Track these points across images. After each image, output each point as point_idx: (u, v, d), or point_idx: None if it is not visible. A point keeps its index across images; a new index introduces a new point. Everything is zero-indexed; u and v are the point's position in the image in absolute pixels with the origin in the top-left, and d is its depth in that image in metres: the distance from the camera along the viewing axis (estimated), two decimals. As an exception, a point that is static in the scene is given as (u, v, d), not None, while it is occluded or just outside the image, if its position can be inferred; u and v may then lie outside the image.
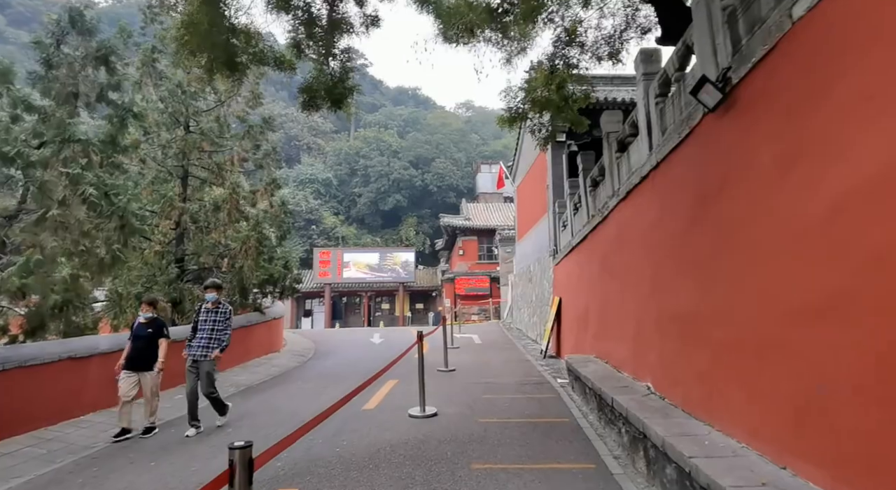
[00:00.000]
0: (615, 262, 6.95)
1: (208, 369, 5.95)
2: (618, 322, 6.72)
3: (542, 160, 14.29)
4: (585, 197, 9.22)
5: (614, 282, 6.95)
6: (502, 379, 8.82)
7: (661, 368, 4.98)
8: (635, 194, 6.13)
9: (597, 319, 7.93)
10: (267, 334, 11.95)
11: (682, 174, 4.62)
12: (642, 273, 5.73)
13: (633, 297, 6.05)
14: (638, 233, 5.97)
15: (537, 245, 14.84)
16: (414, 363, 10.78)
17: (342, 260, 34.71)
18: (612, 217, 7.14)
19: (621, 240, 6.67)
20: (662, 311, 5.01)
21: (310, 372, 10.36)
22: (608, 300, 7.26)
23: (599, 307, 7.77)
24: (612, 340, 7.00)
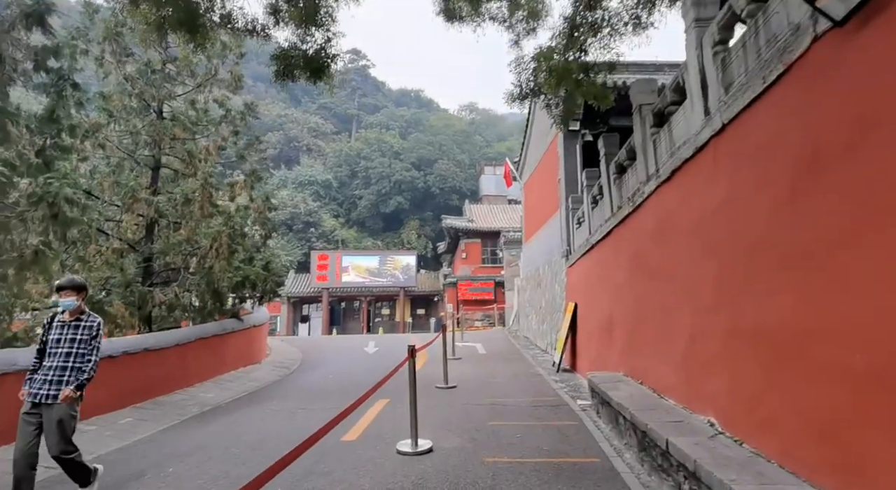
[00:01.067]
0: (653, 260, 5.65)
1: (61, 416, 3.73)
2: (659, 335, 5.40)
3: (552, 152, 13.01)
4: (608, 186, 7.92)
5: (652, 285, 5.65)
6: (511, 398, 7.51)
7: (734, 402, 3.67)
8: (684, 173, 4.83)
9: (626, 330, 6.62)
10: (245, 344, 10.67)
11: (772, 133, 3.33)
12: (698, 274, 4.43)
13: (684, 304, 4.74)
14: (689, 222, 4.67)
15: (547, 246, 13.54)
16: (406, 379, 9.48)
17: (341, 264, 33.47)
18: (648, 205, 5.84)
19: (663, 233, 5.37)
20: (736, 324, 3.70)
21: (290, 387, 9.06)
22: (643, 308, 5.95)
23: (630, 316, 6.46)
24: (648, 358, 5.69)
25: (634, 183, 6.67)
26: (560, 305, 11.60)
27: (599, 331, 8.05)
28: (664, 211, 5.33)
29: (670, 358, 5.03)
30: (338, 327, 33.71)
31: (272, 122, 52.96)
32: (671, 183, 5.14)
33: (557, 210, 12.40)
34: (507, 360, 11.56)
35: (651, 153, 5.97)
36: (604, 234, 7.82)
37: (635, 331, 6.23)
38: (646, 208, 5.93)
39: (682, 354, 4.75)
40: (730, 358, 3.78)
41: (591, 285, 8.77)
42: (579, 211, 10.61)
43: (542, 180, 14.50)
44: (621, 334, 6.84)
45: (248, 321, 10.75)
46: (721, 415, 3.85)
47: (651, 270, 5.72)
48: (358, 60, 67.42)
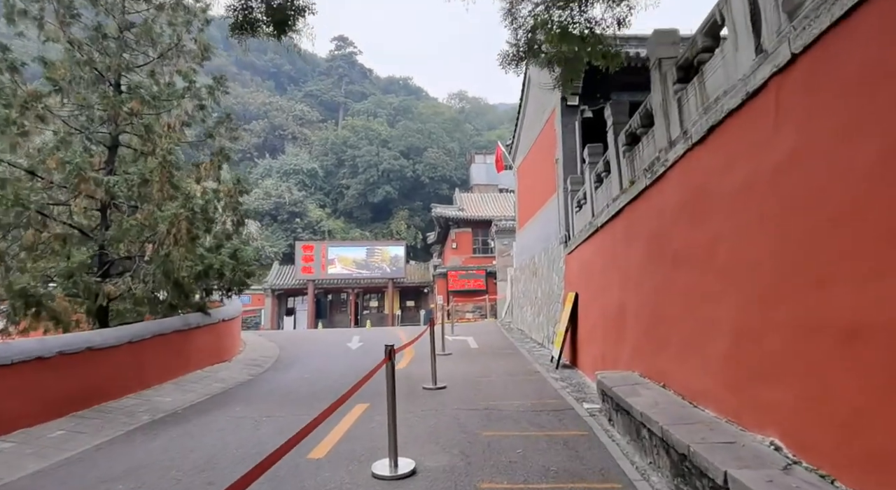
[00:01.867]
0: (679, 241, 4.73)
1: None
2: (687, 330, 4.50)
3: (549, 131, 12.06)
4: (617, 160, 7.00)
5: (678, 271, 4.73)
6: (508, 401, 6.61)
7: (812, 420, 2.77)
8: (726, 130, 3.90)
9: (642, 324, 5.72)
10: (213, 340, 9.66)
11: (875, 57, 2.40)
12: (748, 255, 3.52)
13: (726, 293, 3.83)
14: (735, 190, 3.75)
15: (543, 232, 12.63)
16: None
17: (326, 255, 32.36)
18: (673, 176, 4.92)
19: (694, 207, 4.45)
20: (814, 318, 2.79)
21: (260, 389, 8.09)
22: (665, 298, 5.05)
23: (647, 307, 5.55)
24: (673, 357, 4.79)
25: (651, 152, 5.75)
26: (558, 296, 10.72)
27: (606, 324, 7.16)
28: (696, 180, 4.40)
29: (705, 358, 4.13)
30: (324, 320, 32.68)
31: (256, 109, 51.48)
32: (706, 144, 4.21)
33: (554, 193, 11.48)
34: (502, 356, 10.67)
35: (675, 114, 5.04)
36: (611, 214, 6.91)
37: (654, 325, 5.33)
38: (669, 180, 5.01)
39: (722, 354, 3.85)
40: (802, 361, 2.88)
41: (596, 273, 7.87)
42: (580, 192, 9.70)
43: (537, 162, 13.56)
44: (635, 328, 5.95)
45: (217, 315, 9.73)
46: (790, 436, 2.95)
47: (676, 254, 4.80)
48: (344, 47, 65.79)
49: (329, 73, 65.25)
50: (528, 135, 14.74)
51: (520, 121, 15.59)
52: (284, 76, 65.73)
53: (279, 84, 63.82)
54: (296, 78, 65.91)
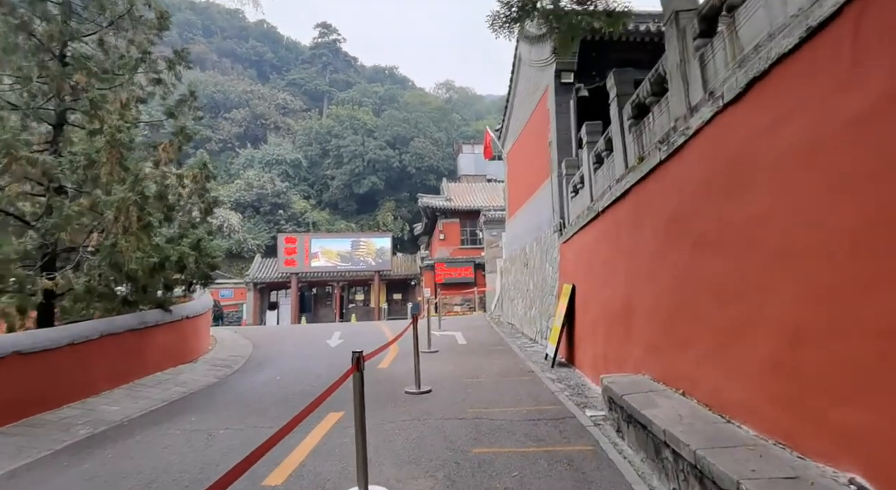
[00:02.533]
0: (707, 222, 3.97)
1: None
2: (721, 330, 3.75)
3: (541, 112, 11.27)
4: (622, 136, 6.23)
5: (705, 258, 3.98)
6: (501, 408, 5.85)
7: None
8: (772, 84, 3.13)
9: (655, 320, 4.97)
10: (176, 339, 8.77)
11: None
12: (814, 238, 2.76)
13: (779, 286, 3.08)
14: (789, 156, 2.99)
15: (536, 220, 11.88)
16: (373, 381, 7.75)
17: (310, 247, 31.36)
18: (696, 146, 4.15)
19: (728, 181, 3.69)
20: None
21: (223, 394, 7.25)
22: (687, 289, 4.29)
23: (662, 300, 4.80)
24: (700, 361, 4.05)
25: (665, 122, 4.98)
26: (552, 288, 9.99)
27: (609, 320, 6.41)
28: (729, 147, 3.63)
29: (743, 363, 3.39)
30: (308, 315, 31.77)
31: (237, 98, 50.01)
32: (744, 103, 3.44)
33: (547, 178, 10.71)
34: (492, 353, 9.92)
35: (696, 74, 4.26)
36: (615, 197, 6.14)
37: (672, 321, 4.58)
38: (691, 151, 4.24)
39: (769, 359, 3.10)
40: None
41: (596, 263, 7.12)
42: (576, 176, 8.94)
43: (528, 146, 12.77)
44: (647, 325, 5.21)
45: (180, 312, 8.84)
46: (883, 474, 2.21)
47: (702, 238, 4.04)
48: (328, 34, 64.21)
49: (313, 61, 63.67)
50: (518, 118, 13.93)
51: (509, 103, 14.76)
52: (267, 64, 64.06)
53: (261, 72, 62.19)
54: (278, 66, 64.28)
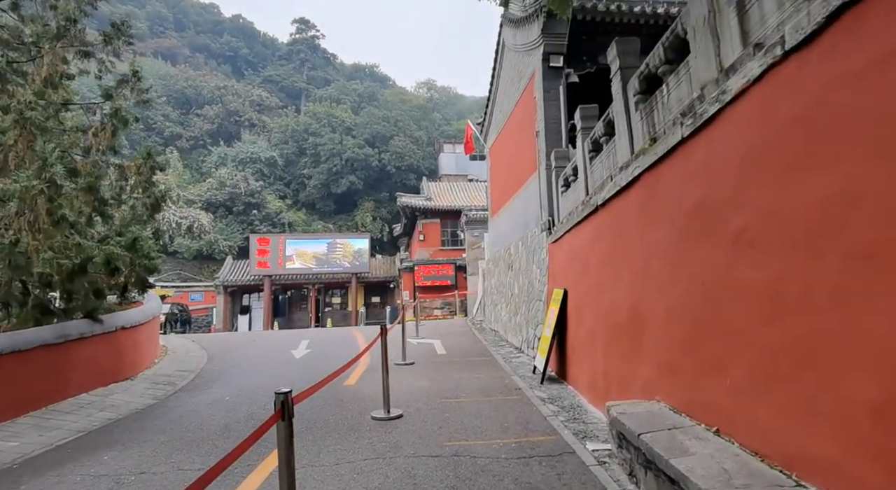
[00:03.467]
0: (758, 212, 3.03)
1: None
2: (773, 352, 2.80)
3: (527, 100, 10.34)
4: (627, 115, 5.30)
5: (756, 258, 3.03)
6: (484, 440, 4.86)
7: None
8: (869, 14, 2.20)
9: (675, 334, 4.02)
10: (108, 353, 7.57)
11: None
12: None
13: (875, 294, 2.14)
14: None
15: (521, 218, 10.94)
16: (335, 402, 6.69)
17: (284, 249, 29.99)
18: (738, 113, 3.21)
19: (794, 152, 2.74)
20: None
21: (156, 422, 6.10)
22: (723, 298, 3.34)
23: (685, 310, 3.86)
24: (741, 391, 3.10)
25: (685, 93, 4.05)
26: (540, 293, 9.05)
27: (611, 331, 5.47)
28: (793, 108, 2.69)
29: (818, 399, 2.45)
30: (282, 319, 30.42)
31: (210, 94, 48.27)
32: (821, 45, 2.50)
33: (534, 172, 9.78)
34: (474, 365, 8.93)
35: (731, 26, 3.34)
36: (619, 187, 5.21)
37: (697, 336, 3.63)
38: (727, 121, 3.30)
39: (866, 398, 2.16)
40: None
41: (593, 265, 6.18)
42: (567, 168, 8.02)
43: (513, 138, 11.84)
44: (660, 339, 4.26)
45: (113, 321, 7.65)
46: None
47: (743, 230, 3.11)
48: (306, 30, 62.67)
49: (290, 57, 62.08)
50: (502, 108, 12.99)
51: (492, 94, 13.82)
52: (242, 60, 62.28)
53: (236, 68, 60.41)
54: (254, 62, 62.54)
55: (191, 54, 58.52)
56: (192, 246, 36.72)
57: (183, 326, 27.72)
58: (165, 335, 20.34)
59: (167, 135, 44.55)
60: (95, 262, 6.47)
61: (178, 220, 36.33)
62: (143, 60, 51.61)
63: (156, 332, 10.00)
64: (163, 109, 44.99)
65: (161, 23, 61.03)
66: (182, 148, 44.44)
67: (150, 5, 60.59)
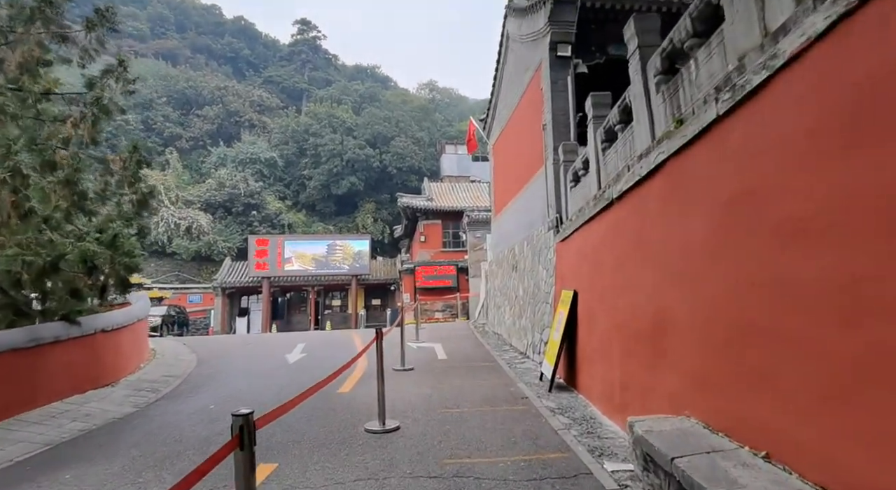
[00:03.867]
0: (816, 198, 2.53)
1: None
2: (855, 363, 2.30)
3: (533, 93, 9.87)
4: (647, 98, 4.82)
5: (814, 252, 2.54)
6: (489, 458, 4.36)
7: None
8: None
9: (708, 342, 3.53)
10: (87, 358, 7.09)
11: None
12: None
13: None
14: None
15: (526, 217, 10.46)
16: (327, 412, 6.20)
17: (283, 251, 29.52)
18: (789, 82, 2.72)
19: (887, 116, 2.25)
20: None
21: (132, 433, 5.62)
22: (774, 301, 2.85)
23: (723, 314, 3.36)
24: (801, 410, 2.60)
25: (718, 66, 3.57)
26: (547, 295, 8.55)
27: (628, 335, 4.98)
28: (875, 71, 2.20)
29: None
30: (281, 322, 29.92)
31: (210, 94, 47.90)
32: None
33: (541, 167, 9.29)
34: (476, 371, 8.43)
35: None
36: (638, 177, 4.72)
37: (738, 343, 3.13)
38: (780, 90, 2.81)
39: None
40: None
41: (607, 263, 5.69)
42: (577, 162, 7.53)
43: (518, 133, 11.37)
44: (689, 346, 3.77)
45: (92, 324, 7.17)
46: None
47: (799, 221, 2.62)
48: (308, 31, 62.35)
49: (291, 58, 61.79)
50: (506, 103, 12.52)
51: (495, 88, 13.35)
52: (243, 61, 62.00)
53: (237, 69, 60.12)
54: (255, 63, 62.26)
55: (192, 55, 58.25)
56: (191, 247, 36.28)
57: (180, 329, 27.22)
58: (161, 338, 19.92)
59: (167, 135, 44.19)
60: (69, 260, 6.00)
61: (176, 221, 35.94)
62: (144, 61, 51.40)
63: (142, 334, 9.52)
64: (163, 110, 44.69)
65: (162, 24, 60.79)
66: (182, 148, 44.07)
67: (152, 6, 60.38)
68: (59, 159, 7.07)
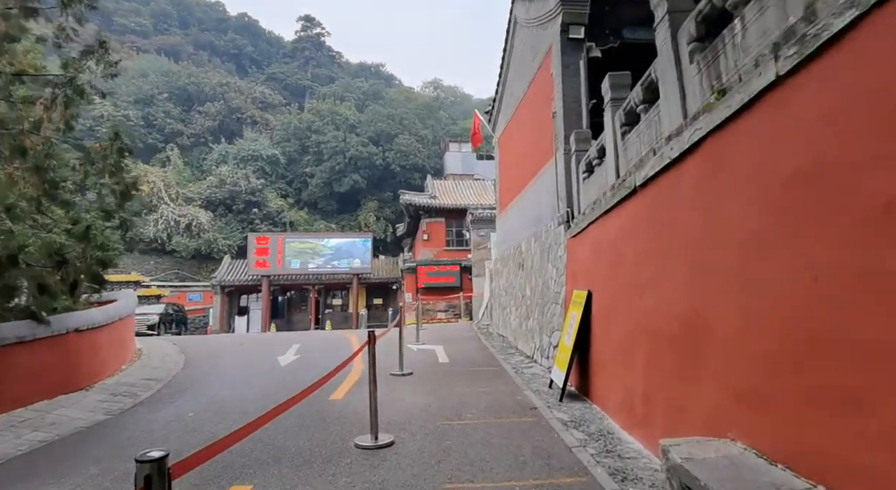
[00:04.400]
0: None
1: None
2: None
3: (543, 80, 9.26)
4: (677, 69, 4.21)
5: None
6: (494, 480, 3.79)
7: None
8: None
9: (761, 351, 2.92)
10: (57, 360, 6.53)
11: None
12: None
13: None
14: None
15: (534, 213, 9.86)
16: (315, 421, 5.63)
17: (284, 248, 28.99)
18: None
19: None
20: None
21: (98, 445, 5.05)
22: (865, 302, 2.24)
23: (783, 318, 2.75)
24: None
25: (770, 23, 2.95)
26: (556, 295, 7.95)
27: (655, 340, 4.37)
28: None
29: None
30: (281, 321, 29.39)
31: (211, 90, 47.43)
32: None
33: (550, 159, 8.69)
34: (480, 377, 7.84)
35: None
36: (667, 161, 4.12)
37: (807, 354, 2.53)
38: (877, 32, 2.21)
39: None
40: None
41: (628, 260, 5.09)
42: (591, 150, 6.93)
43: (526, 123, 10.77)
44: (736, 354, 3.16)
45: (63, 323, 6.61)
46: None
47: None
48: (311, 28, 61.85)
49: (294, 55, 61.30)
50: (513, 92, 11.92)
51: (502, 78, 12.74)
52: (246, 58, 61.59)
53: (240, 66, 59.69)
54: (258, 60, 61.83)
55: (194, 52, 57.84)
56: (191, 245, 35.81)
57: (178, 327, 26.72)
58: (159, 336, 19.40)
59: (168, 132, 43.75)
60: (30, 253, 5.44)
61: (176, 218, 35.48)
62: (146, 56, 51.02)
63: (125, 334, 8.96)
64: (164, 106, 44.24)
65: (165, 20, 60.40)
66: (183, 145, 43.62)
67: (155, 2, 60.01)
68: (30, 144, 6.53)
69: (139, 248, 34.67)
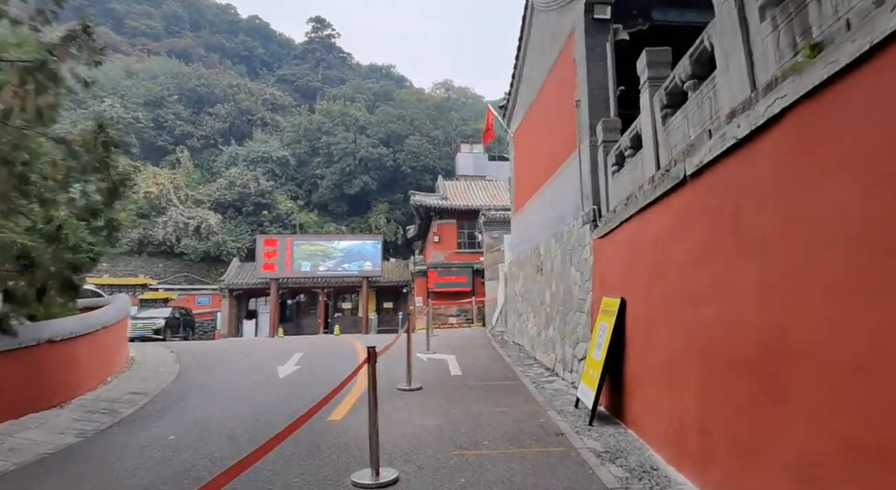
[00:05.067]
0: None
1: None
2: None
3: (564, 66, 8.50)
4: (741, 34, 3.44)
5: None
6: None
7: None
8: None
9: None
10: (23, 375, 5.87)
11: None
12: None
13: None
14: None
15: (555, 211, 9.08)
16: (310, 448, 4.92)
17: (292, 251, 28.45)
18: None
19: None
20: None
21: (54, 481, 4.38)
22: None
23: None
24: None
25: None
26: (581, 302, 7.17)
27: (714, 361, 3.59)
28: None
29: None
30: (289, 325, 28.80)
31: (222, 92, 47.27)
32: None
33: (573, 152, 7.92)
34: (497, 392, 7.07)
35: None
36: (732, 142, 3.35)
37: None
38: None
39: None
40: None
41: (675, 262, 4.31)
42: (623, 140, 6.16)
43: (544, 115, 10.00)
44: (847, 389, 2.38)
45: (33, 334, 5.98)
46: None
47: None
48: (322, 30, 61.63)
49: (305, 56, 61.09)
50: (530, 83, 11.16)
51: (517, 68, 11.98)
52: (257, 60, 61.53)
53: (251, 68, 59.62)
54: (269, 62, 61.74)
55: (205, 54, 57.86)
56: (200, 247, 35.45)
57: (185, 331, 26.27)
58: (165, 341, 18.89)
59: (178, 133, 43.59)
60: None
61: (185, 221, 35.17)
62: (157, 59, 51.07)
63: (112, 343, 8.32)
64: (174, 108, 44.12)
65: (177, 23, 60.56)
66: (193, 147, 43.43)
67: (167, 5, 60.20)
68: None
69: (147, 250, 34.43)
